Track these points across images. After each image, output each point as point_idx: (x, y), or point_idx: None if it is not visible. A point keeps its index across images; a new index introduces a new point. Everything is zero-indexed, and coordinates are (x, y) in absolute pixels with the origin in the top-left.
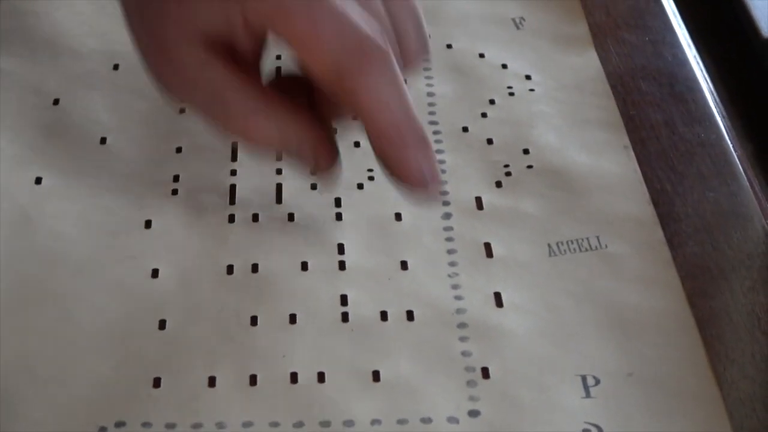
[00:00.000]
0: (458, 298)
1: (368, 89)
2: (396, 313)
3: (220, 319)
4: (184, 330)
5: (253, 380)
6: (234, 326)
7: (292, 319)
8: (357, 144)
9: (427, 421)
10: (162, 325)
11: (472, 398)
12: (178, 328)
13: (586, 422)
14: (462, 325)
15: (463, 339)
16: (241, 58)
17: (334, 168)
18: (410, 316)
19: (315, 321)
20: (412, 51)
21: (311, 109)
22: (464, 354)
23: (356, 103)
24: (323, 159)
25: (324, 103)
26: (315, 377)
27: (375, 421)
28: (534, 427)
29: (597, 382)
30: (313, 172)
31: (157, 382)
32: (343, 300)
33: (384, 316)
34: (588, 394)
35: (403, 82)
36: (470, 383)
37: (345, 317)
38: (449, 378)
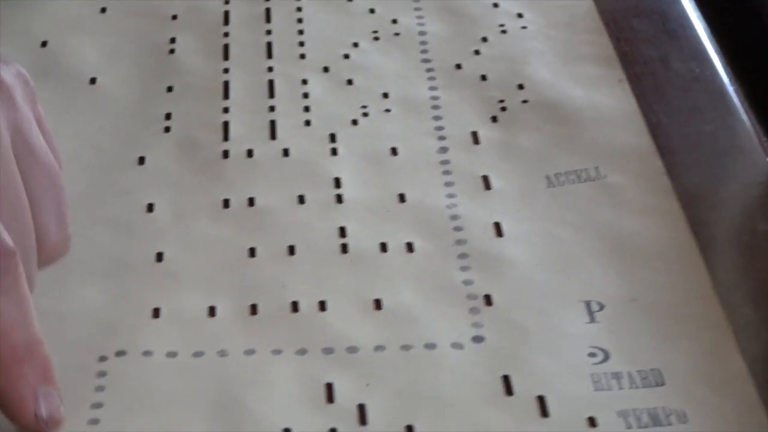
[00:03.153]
0: (458, 229)
1: None
2: (396, 245)
3: (219, 250)
4: (181, 262)
5: (253, 310)
6: (232, 258)
7: (291, 250)
8: (350, 81)
9: (431, 346)
10: (159, 257)
11: (475, 325)
12: (175, 260)
13: (591, 346)
14: (462, 256)
15: (464, 268)
16: None
17: None
18: (410, 247)
19: (314, 252)
20: (51, 243)
21: None
22: (466, 283)
23: None
24: None
25: None
26: (316, 306)
27: (379, 347)
28: (539, 352)
29: (601, 307)
30: None
31: (156, 313)
32: (342, 232)
33: (384, 247)
34: (592, 319)
35: (28, 294)
36: (473, 310)
37: (344, 248)
38: (451, 306)
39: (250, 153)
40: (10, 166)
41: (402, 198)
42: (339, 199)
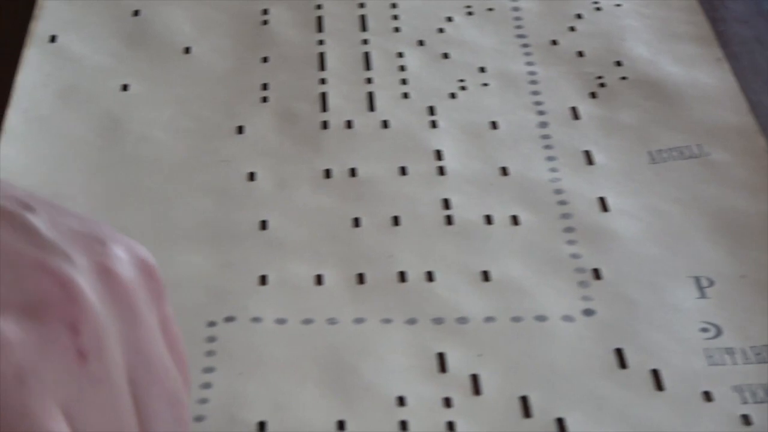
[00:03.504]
0: (562, 203)
1: None
2: (500, 218)
3: (322, 220)
4: (285, 230)
5: (360, 279)
6: (336, 227)
7: (396, 221)
8: (445, 55)
9: (541, 319)
10: (263, 225)
11: (585, 298)
12: (279, 228)
13: (703, 321)
14: (569, 229)
15: (571, 242)
16: None
17: None
18: (515, 220)
19: (419, 223)
20: None
21: None
22: (573, 256)
23: None
24: None
25: None
26: (423, 276)
27: (489, 319)
28: (651, 326)
29: (711, 283)
30: None
31: (263, 280)
32: (446, 204)
33: (489, 219)
34: (703, 295)
35: None
36: (582, 284)
37: (449, 220)
38: (560, 279)
39: (349, 124)
40: (119, 396)
41: (504, 171)
42: (441, 171)
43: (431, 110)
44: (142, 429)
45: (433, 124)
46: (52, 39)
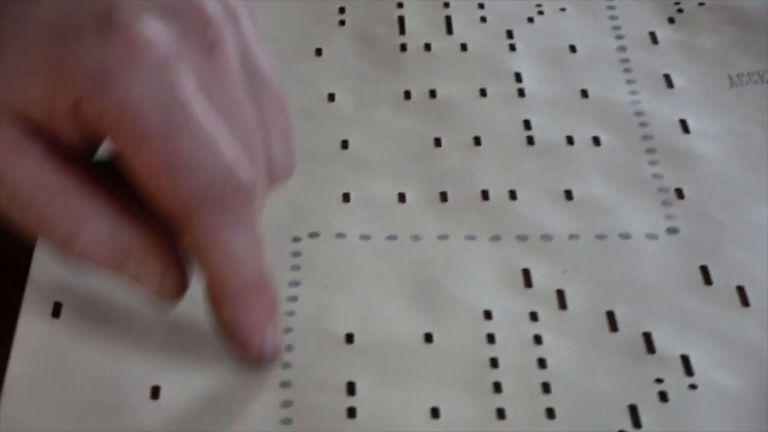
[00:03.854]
0: (643, 124)
1: (221, 242)
2: (582, 138)
3: (403, 139)
4: (367, 149)
5: (443, 197)
6: (418, 146)
7: (477, 141)
8: None
9: (625, 236)
10: (344, 144)
11: (668, 217)
12: (360, 147)
13: None
14: (650, 150)
15: (653, 163)
16: (67, 152)
17: (179, 298)
18: (597, 141)
19: (500, 143)
20: (278, 169)
21: (155, 218)
22: (656, 176)
23: (202, 255)
24: (170, 289)
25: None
26: (506, 195)
27: (573, 236)
28: (735, 244)
29: None
30: (153, 298)
31: (346, 197)
32: (527, 125)
33: (570, 140)
34: None
35: (262, 228)
36: (665, 203)
37: (530, 140)
38: (643, 198)
39: (427, 47)
40: (240, 86)
41: (584, 93)
42: (521, 93)
43: (509, 34)
44: (259, 123)
45: (512, 48)
46: None
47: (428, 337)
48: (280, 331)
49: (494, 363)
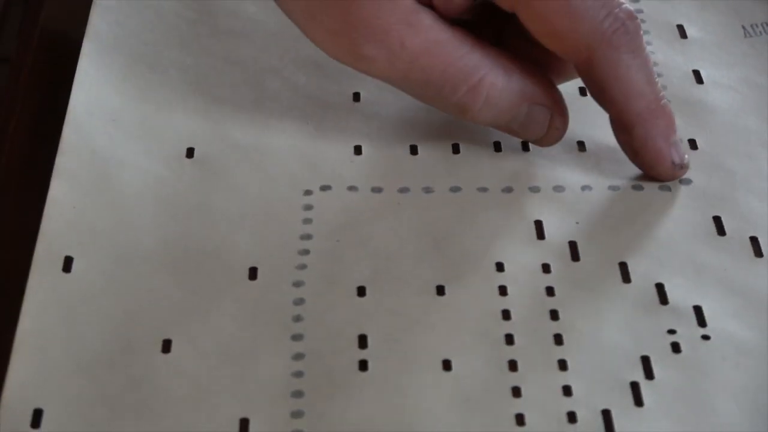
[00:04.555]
0: (657, 75)
1: (622, 75)
2: None
3: None
4: (378, 102)
5: (455, 149)
6: None
7: None
8: None
9: (638, 188)
10: (356, 97)
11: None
12: (372, 101)
13: None
14: None
15: None
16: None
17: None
18: None
19: None
20: None
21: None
22: None
23: (607, 88)
24: (554, 132)
25: (551, 60)
26: (519, 146)
27: (585, 187)
28: (748, 195)
29: None
30: (539, 138)
31: (358, 150)
32: None
33: (583, 92)
34: None
35: (649, 55)
36: None
37: None
38: None
39: None
40: None
41: None
42: None
43: None
44: None
45: None
46: None
47: (440, 290)
48: (680, 145)
49: (506, 315)
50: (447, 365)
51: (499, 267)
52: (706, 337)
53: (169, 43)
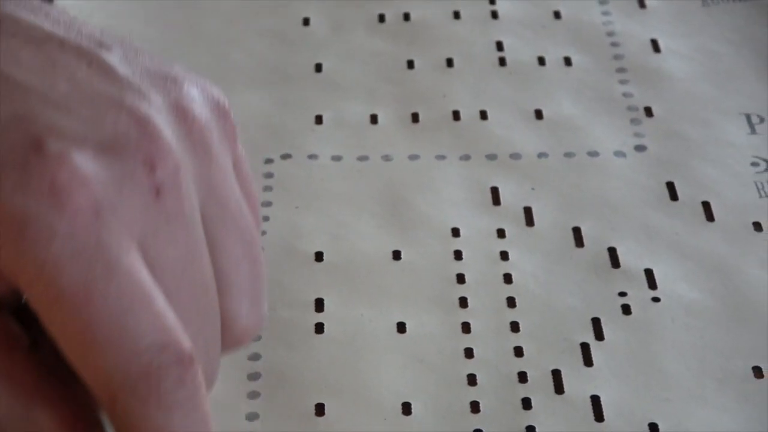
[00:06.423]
0: (614, 44)
1: (151, 426)
2: (553, 59)
3: (376, 62)
4: (341, 72)
5: (415, 118)
6: (391, 68)
7: (449, 62)
8: None
9: (593, 154)
10: (318, 68)
11: (637, 135)
12: (334, 70)
13: (753, 156)
14: (621, 70)
15: (623, 82)
16: None
17: None
18: (568, 61)
19: (472, 64)
20: (239, 330)
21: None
22: (625, 95)
23: None
24: None
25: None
26: (477, 115)
27: (542, 154)
28: (702, 162)
29: (761, 120)
30: None
31: (319, 119)
32: (499, 46)
33: (541, 61)
34: (753, 131)
35: (207, 408)
36: (634, 121)
37: (502, 62)
38: (612, 116)
39: None
40: (194, 233)
41: (557, 15)
42: (494, 14)
43: None
44: (216, 266)
45: None
46: None
47: (396, 254)
48: None
49: (461, 279)
50: (401, 327)
51: (455, 232)
52: (656, 300)
53: (134, 15)
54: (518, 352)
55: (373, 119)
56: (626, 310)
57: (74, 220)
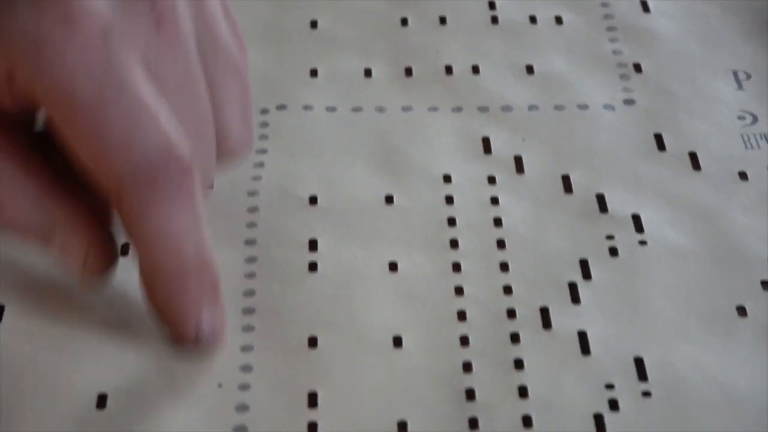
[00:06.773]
0: (605, 5)
1: (152, 220)
2: (545, 17)
3: (371, 19)
4: (336, 29)
5: (408, 72)
6: (385, 26)
7: (442, 20)
8: None
9: (583, 107)
10: (314, 24)
11: (626, 89)
12: (329, 27)
13: (740, 110)
14: (611, 29)
15: (613, 40)
16: (4, 120)
17: (106, 274)
18: (559, 20)
19: (465, 22)
20: (232, 143)
21: (88, 192)
22: (615, 52)
23: (133, 232)
24: (95, 264)
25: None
26: (470, 69)
27: (532, 107)
28: (689, 115)
29: (748, 76)
30: (79, 273)
31: (314, 73)
32: (491, 5)
33: (533, 19)
34: (740, 87)
35: (202, 209)
36: (623, 77)
37: (494, 20)
38: (602, 72)
39: None
40: (192, 59)
41: None
42: None
43: None
44: (211, 91)
45: None
46: None
47: (389, 199)
48: (221, 315)
49: (452, 222)
50: (393, 267)
51: (447, 179)
52: (643, 243)
53: None
54: (507, 290)
55: (367, 73)
56: (613, 252)
57: (86, 41)
